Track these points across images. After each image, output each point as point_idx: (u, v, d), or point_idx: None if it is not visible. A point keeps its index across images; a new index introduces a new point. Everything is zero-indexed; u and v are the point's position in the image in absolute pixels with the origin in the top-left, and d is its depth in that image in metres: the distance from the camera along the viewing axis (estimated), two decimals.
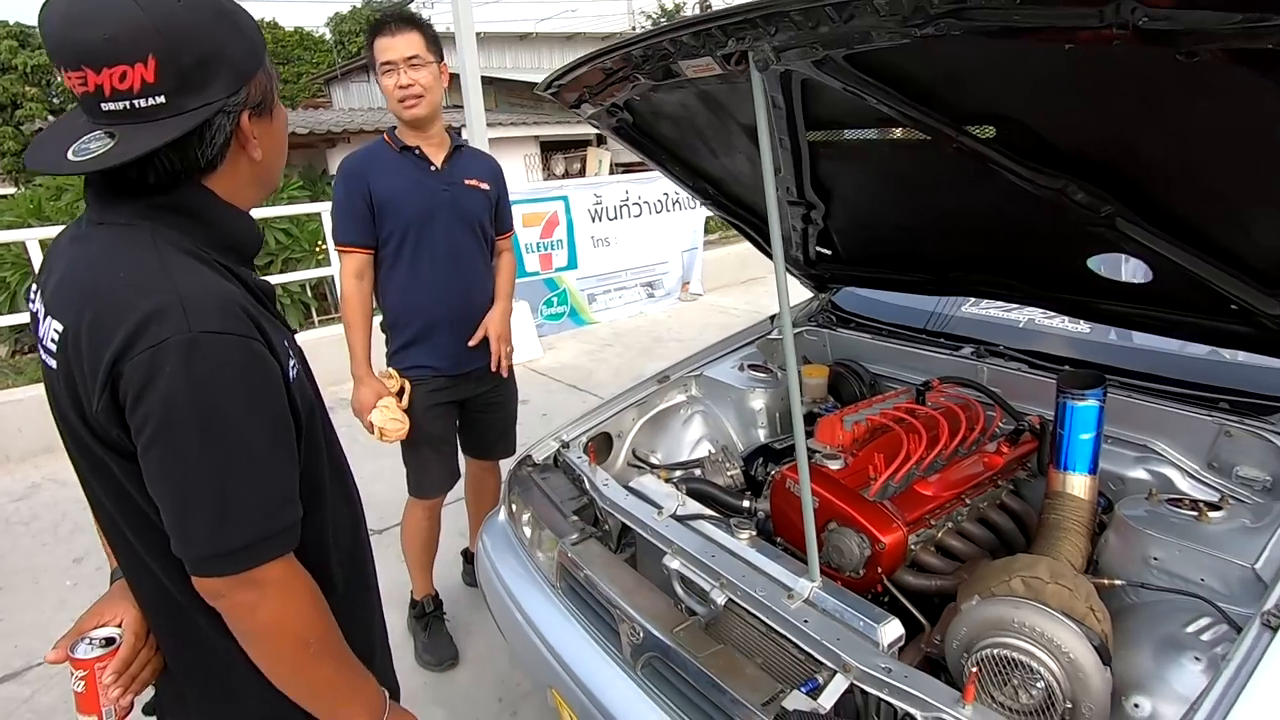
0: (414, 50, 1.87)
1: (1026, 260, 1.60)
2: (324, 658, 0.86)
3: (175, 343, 0.71)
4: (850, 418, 1.65)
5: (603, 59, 1.37)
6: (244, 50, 0.80)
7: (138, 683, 0.90)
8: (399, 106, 1.90)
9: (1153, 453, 1.54)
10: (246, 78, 0.79)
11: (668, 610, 1.31)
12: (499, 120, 12.49)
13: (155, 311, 0.72)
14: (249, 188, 0.87)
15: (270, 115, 0.85)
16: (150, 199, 0.79)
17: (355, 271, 1.99)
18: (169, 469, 0.74)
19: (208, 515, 0.75)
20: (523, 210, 5.73)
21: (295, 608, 0.82)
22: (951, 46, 1.02)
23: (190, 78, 0.74)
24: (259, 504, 0.77)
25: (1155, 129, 1.01)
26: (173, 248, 0.78)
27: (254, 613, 0.80)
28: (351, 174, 1.95)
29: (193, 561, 0.77)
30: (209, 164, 0.80)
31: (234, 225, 0.86)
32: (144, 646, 0.90)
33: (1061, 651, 1.03)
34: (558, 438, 1.91)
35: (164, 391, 0.71)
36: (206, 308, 0.74)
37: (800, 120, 1.46)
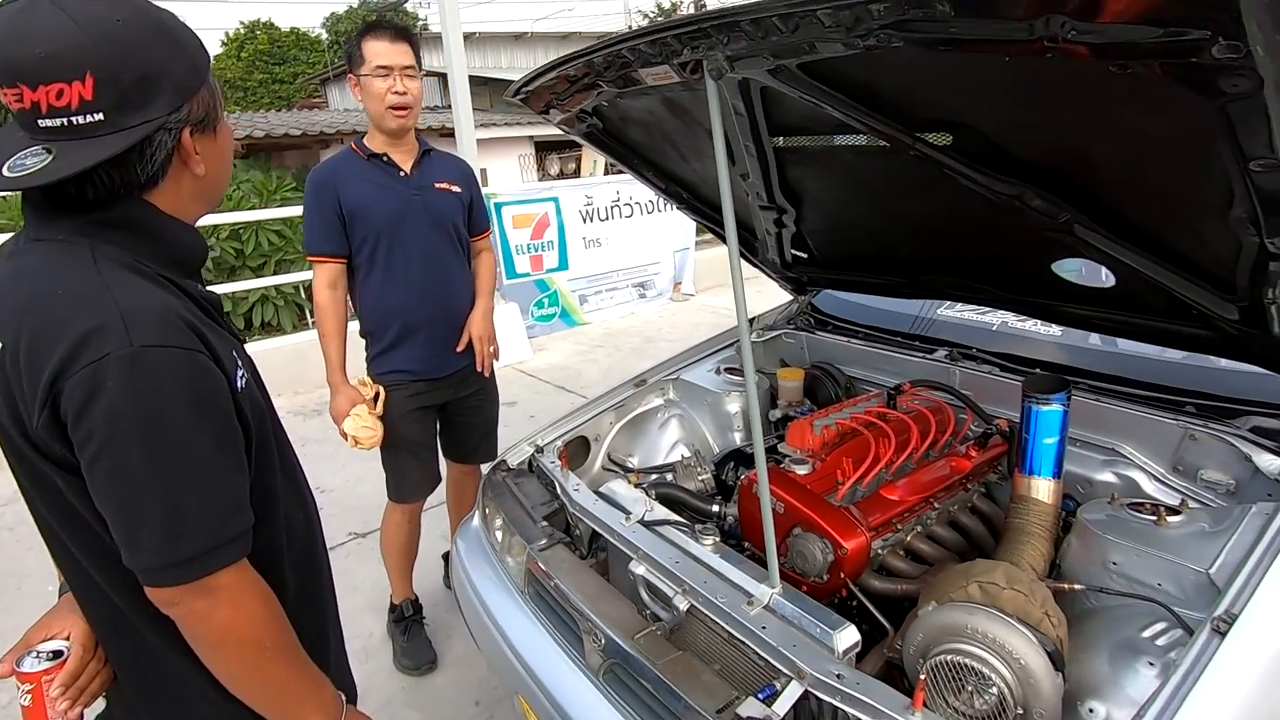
0: (410, 61, 1.90)
1: (993, 264, 1.60)
2: (278, 660, 0.87)
3: (116, 358, 0.71)
4: (820, 422, 1.65)
5: (565, 67, 1.37)
6: (185, 68, 0.79)
7: (86, 695, 0.90)
8: (389, 113, 1.91)
9: (1120, 456, 1.55)
10: (188, 94, 0.79)
11: (630, 617, 1.32)
12: (493, 121, 12.49)
13: (95, 328, 0.72)
14: (192, 202, 0.87)
15: (214, 131, 0.85)
16: (90, 215, 0.79)
17: (328, 281, 2.00)
18: (116, 483, 0.74)
19: (157, 526, 0.75)
20: (513, 212, 5.74)
21: (249, 613, 0.83)
22: (902, 56, 1.02)
23: (130, 95, 0.74)
24: (208, 513, 0.77)
25: (1103, 137, 1.02)
26: (113, 263, 0.78)
27: (208, 620, 0.80)
28: (320, 185, 1.95)
29: (144, 572, 0.77)
30: (150, 180, 0.80)
31: (177, 239, 0.86)
32: (92, 659, 0.90)
33: (1013, 658, 1.04)
34: (533, 442, 1.92)
35: (107, 406, 0.71)
36: (147, 322, 0.74)
37: (763, 126, 1.46)
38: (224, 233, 6.64)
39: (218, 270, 6.63)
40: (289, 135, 10.87)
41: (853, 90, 1.16)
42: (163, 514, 0.75)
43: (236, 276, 6.44)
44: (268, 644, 0.85)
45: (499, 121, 12.65)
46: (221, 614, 0.80)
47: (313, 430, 4.21)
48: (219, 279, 6.36)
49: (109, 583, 0.84)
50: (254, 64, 25.31)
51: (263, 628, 0.84)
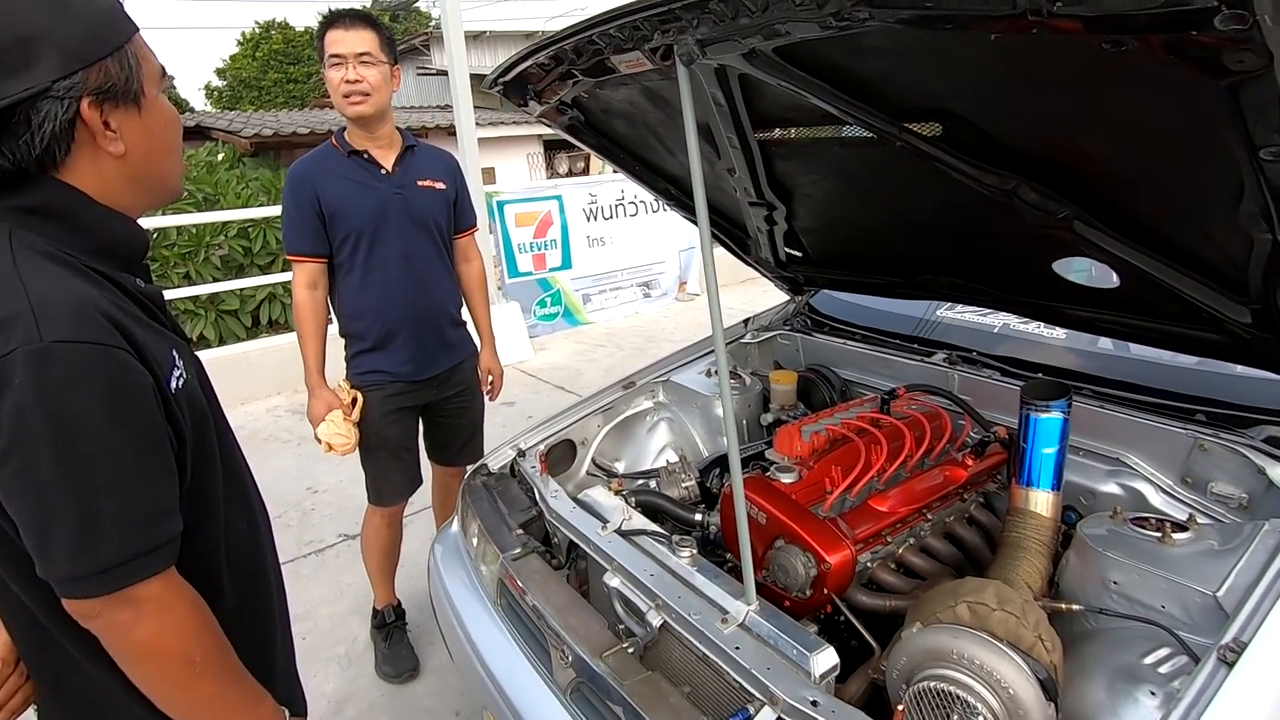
0: (366, 47, 1.82)
1: (992, 263, 1.53)
2: (209, 676, 0.82)
3: (24, 353, 0.67)
4: (809, 428, 1.58)
5: (537, 55, 1.31)
6: (77, 33, 0.73)
7: (6, 711, 0.86)
8: (343, 102, 1.85)
9: (1125, 466, 1.47)
10: (82, 61, 0.73)
11: (601, 633, 1.26)
12: (502, 119, 12.48)
13: (4, 320, 0.68)
14: (125, 188, 0.81)
15: (137, 107, 0.79)
16: (10, 200, 0.74)
17: (307, 282, 1.95)
18: (24, 486, 0.70)
19: (68, 534, 0.71)
20: (516, 210, 5.70)
21: (176, 625, 0.78)
22: (883, 38, 0.95)
23: (6, 60, 0.69)
24: (127, 519, 0.73)
25: (1100, 126, 0.94)
26: (31, 251, 0.73)
27: (130, 633, 0.76)
28: (299, 182, 1.90)
29: (58, 582, 0.73)
30: (47, 156, 0.74)
31: (106, 228, 0.80)
32: (13, 673, 0.86)
33: (1001, 686, 0.97)
34: (515, 445, 1.86)
35: (12, 405, 0.67)
36: (59, 315, 0.69)
37: (745, 117, 1.39)
38: (232, 230, 6.64)
39: (226, 268, 6.64)
40: (297, 133, 10.90)
41: (834, 77, 1.09)
42: (74, 520, 0.70)
43: (245, 274, 6.43)
44: (197, 658, 0.80)
45: (507, 120, 12.62)
46: (145, 627, 0.76)
47: (310, 429, 4.19)
48: (227, 276, 6.37)
49: (26, 592, 0.80)
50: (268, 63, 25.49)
51: (192, 641, 0.80)
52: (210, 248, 6.52)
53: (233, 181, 7.59)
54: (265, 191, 7.54)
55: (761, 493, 1.39)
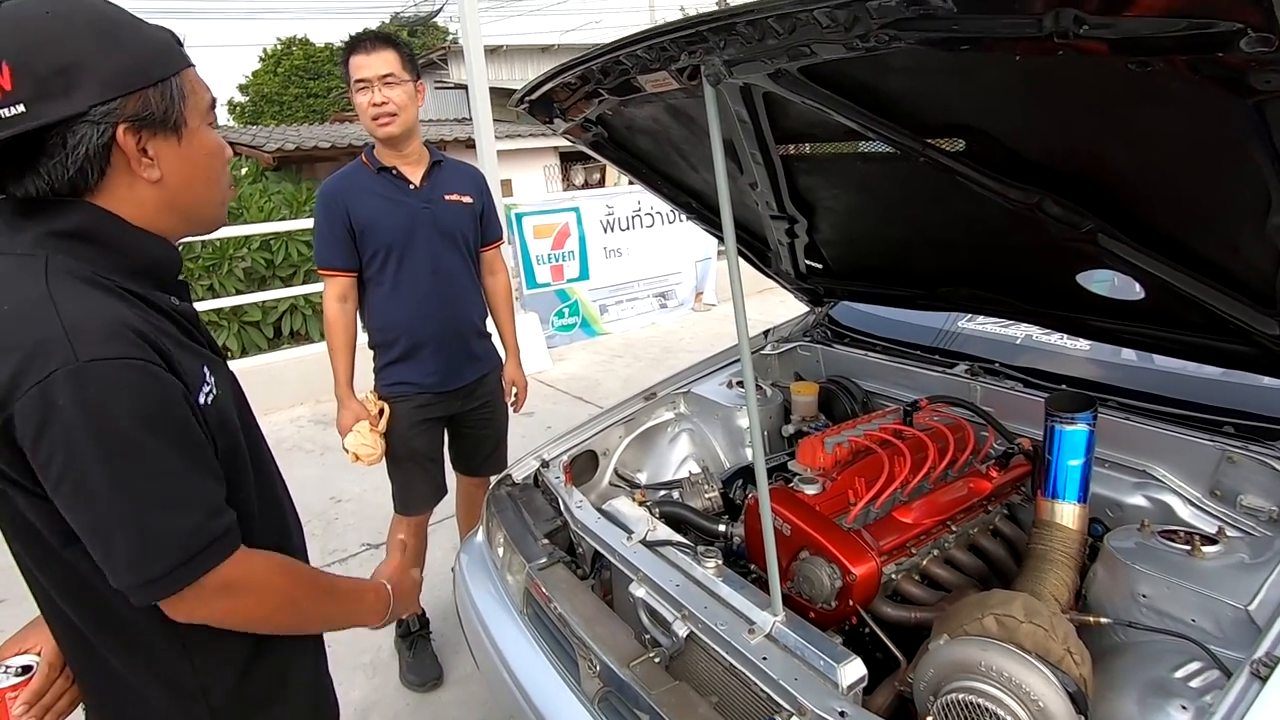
0: (389, 68, 1.86)
1: (1015, 275, 1.53)
2: (317, 599, 0.92)
3: (63, 374, 0.70)
4: (832, 439, 1.59)
5: (564, 75, 1.35)
6: (121, 63, 0.76)
7: (53, 713, 0.88)
8: (373, 125, 1.89)
9: (1152, 479, 1.46)
10: (121, 90, 0.76)
11: (628, 642, 1.27)
12: (519, 132, 12.59)
13: (39, 344, 0.70)
14: (161, 214, 0.84)
15: (178, 136, 0.81)
16: (49, 225, 0.77)
17: (338, 295, 1.99)
18: (82, 503, 0.72)
19: (129, 544, 0.73)
20: (534, 222, 5.76)
21: (270, 590, 0.85)
22: (908, 58, 0.97)
23: (48, 85, 0.72)
24: (181, 522, 0.75)
25: (1126, 141, 0.95)
26: (67, 275, 0.75)
27: (237, 614, 0.83)
28: (330, 198, 1.94)
29: (129, 591, 0.75)
30: (80, 177, 0.76)
31: (140, 249, 0.83)
32: (60, 677, 0.89)
33: (1030, 698, 0.97)
34: (539, 456, 1.88)
35: (61, 426, 0.70)
36: (91, 335, 0.72)
37: (769, 133, 1.41)
38: (255, 243, 6.77)
39: (249, 280, 6.76)
40: (319, 147, 11.08)
41: (858, 95, 1.10)
42: (132, 531, 0.73)
43: (267, 286, 6.55)
44: (298, 597, 0.89)
45: (524, 133, 12.75)
46: (245, 604, 0.83)
47: (334, 439, 4.21)
48: (250, 288, 6.49)
49: (69, 604, 0.82)
50: (290, 79, 25.96)
51: (287, 593, 0.87)
52: (234, 261, 6.66)
53: (256, 195, 7.75)
54: (287, 205, 7.69)
55: (786, 504, 1.40)
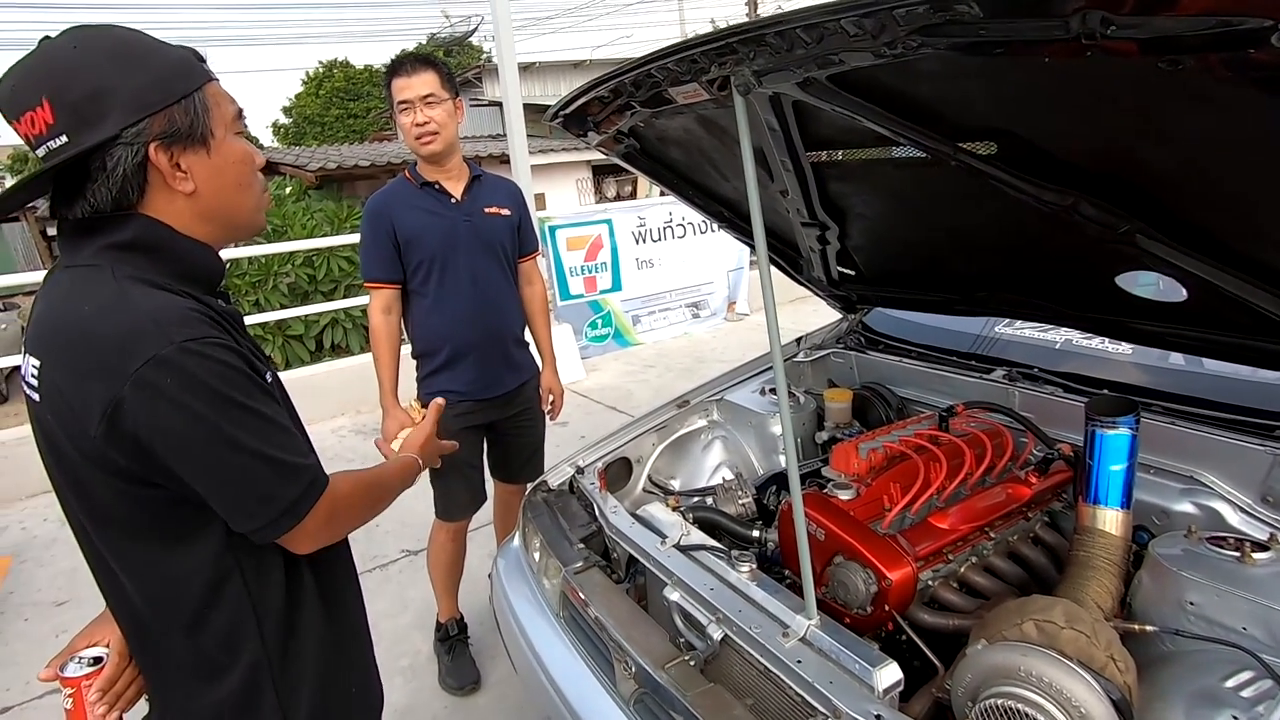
0: (429, 89, 1.93)
1: (1052, 278, 1.51)
2: (382, 494, 1.05)
3: (161, 357, 0.75)
4: (866, 445, 1.58)
5: (597, 89, 1.38)
6: (144, 84, 0.81)
7: (123, 701, 0.93)
8: (416, 144, 1.97)
9: (1200, 485, 1.42)
10: (148, 109, 0.80)
11: (663, 645, 1.28)
12: (551, 147, 12.79)
13: (129, 335, 0.76)
14: (199, 223, 0.88)
15: (206, 148, 0.86)
16: (103, 238, 0.83)
17: (383, 307, 2.07)
18: (207, 465, 0.80)
19: (257, 490, 0.83)
20: (567, 234, 5.83)
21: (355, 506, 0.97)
22: (936, 63, 0.98)
23: (83, 113, 0.78)
24: (291, 465, 0.85)
25: (1162, 140, 0.94)
26: (132, 279, 0.82)
27: (341, 529, 0.96)
28: (376, 214, 2.02)
29: (259, 530, 0.84)
30: (122, 196, 0.82)
31: (189, 255, 0.88)
32: (128, 666, 0.94)
33: (1072, 705, 0.95)
34: (573, 463, 1.91)
35: (172, 401, 0.76)
36: (174, 321, 0.78)
37: (799, 141, 1.43)
38: (299, 259, 6.99)
39: (292, 295, 6.97)
40: (359, 166, 11.41)
41: (888, 100, 1.11)
42: (257, 479, 0.82)
43: (309, 301, 6.75)
44: (376, 500, 1.03)
45: (557, 147, 12.94)
46: (344, 522, 0.96)
47: (374, 450, 4.34)
48: (293, 303, 6.69)
49: (137, 591, 0.87)
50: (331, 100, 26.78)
51: (368, 500, 1.01)
52: (278, 276, 6.88)
53: (299, 213, 8.00)
54: (329, 222, 7.92)
55: (820, 509, 1.40)
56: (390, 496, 1.07)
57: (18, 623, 2.82)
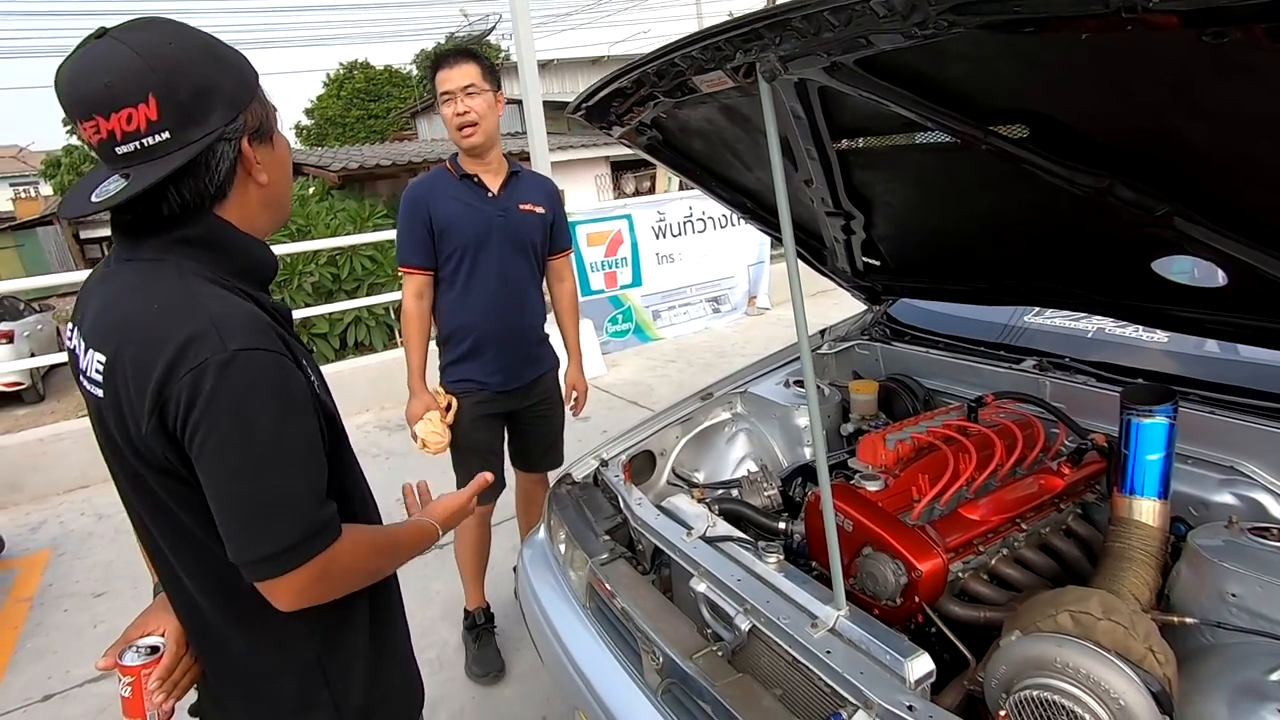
0: (470, 80, 1.96)
1: (1084, 265, 1.48)
2: (389, 560, 0.99)
3: (214, 362, 0.76)
4: (894, 436, 1.57)
5: (620, 80, 1.38)
6: (234, 81, 0.84)
7: (179, 689, 0.95)
8: (457, 135, 2.00)
9: (1241, 475, 1.39)
10: (241, 106, 0.84)
11: (690, 636, 1.28)
12: (570, 143, 12.81)
13: (192, 336, 0.77)
14: (261, 214, 0.92)
15: (271, 142, 0.90)
16: (171, 233, 0.84)
17: (416, 292, 2.10)
18: (220, 478, 0.79)
19: (251, 521, 0.79)
20: (587, 230, 5.84)
21: (353, 572, 0.91)
22: (967, 44, 0.96)
23: (190, 111, 0.79)
24: (298, 507, 0.81)
25: (1204, 118, 0.91)
26: (197, 277, 0.83)
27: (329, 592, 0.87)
28: (414, 201, 2.05)
29: (244, 566, 0.80)
30: (219, 191, 0.84)
31: (251, 252, 0.91)
32: (185, 655, 0.96)
33: (1110, 697, 0.93)
34: (597, 456, 1.91)
35: (209, 407, 0.76)
36: (236, 328, 0.79)
37: (824, 129, 1.41)
38: (322, 259, 7.08)
39: (316, 294, 7.07)
40: (380, 165, 11.53)
41: (916, 84, 1.10)
42: (255, 509, 0.79)
43: (333, 299, 6.84)
44: (378, 567, 0.97)
45: (575, 144, 12.96)
46: (336, 586, 0.88)
47: (397, 444, 4.39)
48: (317, 301, 6.78)
49: (196, 585, 0.89)
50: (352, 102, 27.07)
51: (370, 565, 0.94)
52: (302, 276, 6.98)
53: (323, 213, 8.11)
54: (352, 221, 8.01)
55: (848, 500, 1.39)
56: (397, 563, 1.02)
57: (57, 614, 2.90)
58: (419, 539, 1.05)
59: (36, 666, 2.56)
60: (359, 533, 0.92)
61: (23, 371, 8.33)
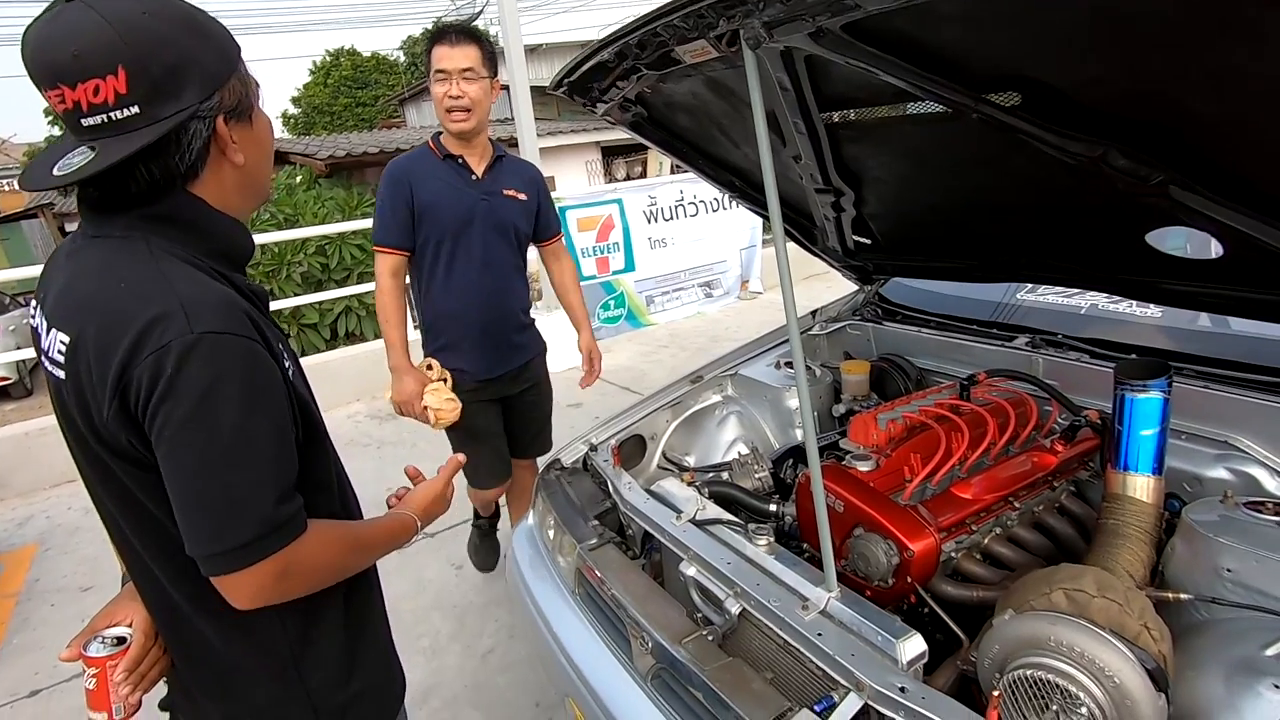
0: (469, 63, 1.89)
1: (1079, 239, 1.45)
2: (358, 557, 0.94)
3: (179, 344, 0.72)
4: (885, 415, 1.54)
5: (601, 52, 1.34)
6: (213, 56, 0.80)
7: (146, 681, 0.92)
8: (446, 117, 1.93)
9: (1235, 450, 1.37)
10: (218, 83, 0.80)
11: (680, 620, 1.26)
12: (560, 129, 12.70)
13: (157, 317, 0.73)
14: (236, 194, 0.88)
15: (250, 121, 0.86)
16: (142, 210, 0.80)
17: (391, 270, 2.05)
18: (178, 468, 0.75)
19: (212, 514, 0.75)
20: (578, 215, 5.79)
21: (323, 567, 0.86)
22: (958, 5, 0.93)
23: (161, 86, 0.75)
24: (260, 501, 0.77)
25: (1202, 81, 0.88)
26: (168, 256, 0.79)
27: (290, 591, 0.83)
28: (396, 179, 1.99)
29: (201, 560, 0.77)
30: (190, 170, 0.80)
31: (226, 232, 0.87)
32: (153, 646, 0.93)
33: (1105, 675, 0.92)
34: (586, 441, 1.89)
35: (170, 392, 0.72)
36: (205, 310, 0.75)
37: (812, 101, 1.38)
38: (311, 248, 7.00)
39: (305, 283, 6.99)
40: (368, 153, 11.38)
41: (905, 50, 1.06)
42: (216, 502, 0.75)
43: (323, 289, 6.76)
44: (346, 564, 0.92)
45: (565, 129, 12.84)
46: (298, 585, 0.84)
47: (389, 433, 4.35)
48: (307, 290, 6.71)
49: (166, 575, 0.86)
50: (339, 89, 26.76)
51: (337, 563, 0.89)
52: (291, 265, 6.90)
53: (310, 202, 8.01)
54: (340, 210, 7.92)
55: (839, 481, 1.37)
56: (371, 559, 0.98)
57: (44, 608, 2.87)
58: (396, 533, 1.01)
59: (24, 661, 2.53)
60: (328, 529, 0.88)
61: (9, 366, 8.24)
